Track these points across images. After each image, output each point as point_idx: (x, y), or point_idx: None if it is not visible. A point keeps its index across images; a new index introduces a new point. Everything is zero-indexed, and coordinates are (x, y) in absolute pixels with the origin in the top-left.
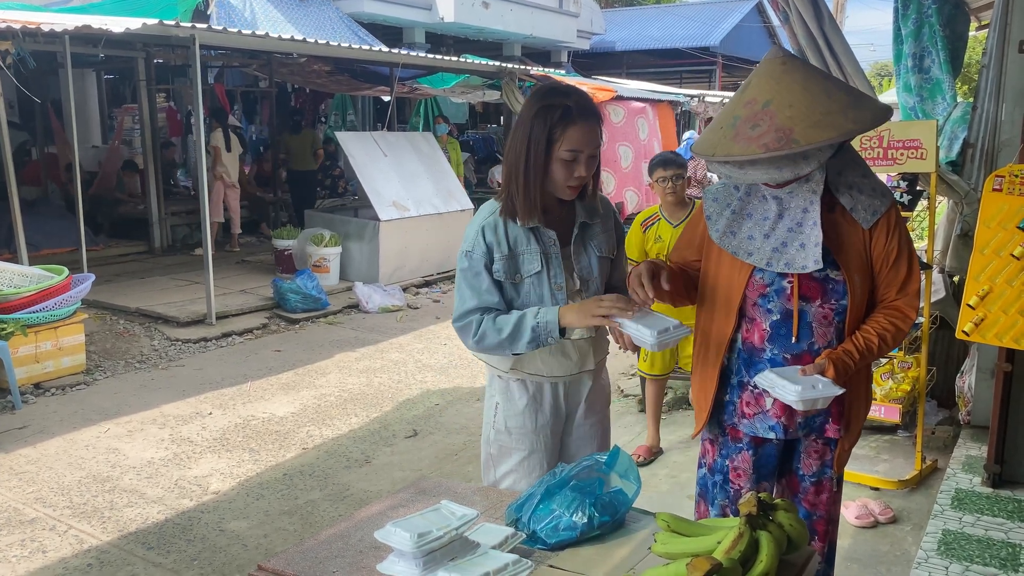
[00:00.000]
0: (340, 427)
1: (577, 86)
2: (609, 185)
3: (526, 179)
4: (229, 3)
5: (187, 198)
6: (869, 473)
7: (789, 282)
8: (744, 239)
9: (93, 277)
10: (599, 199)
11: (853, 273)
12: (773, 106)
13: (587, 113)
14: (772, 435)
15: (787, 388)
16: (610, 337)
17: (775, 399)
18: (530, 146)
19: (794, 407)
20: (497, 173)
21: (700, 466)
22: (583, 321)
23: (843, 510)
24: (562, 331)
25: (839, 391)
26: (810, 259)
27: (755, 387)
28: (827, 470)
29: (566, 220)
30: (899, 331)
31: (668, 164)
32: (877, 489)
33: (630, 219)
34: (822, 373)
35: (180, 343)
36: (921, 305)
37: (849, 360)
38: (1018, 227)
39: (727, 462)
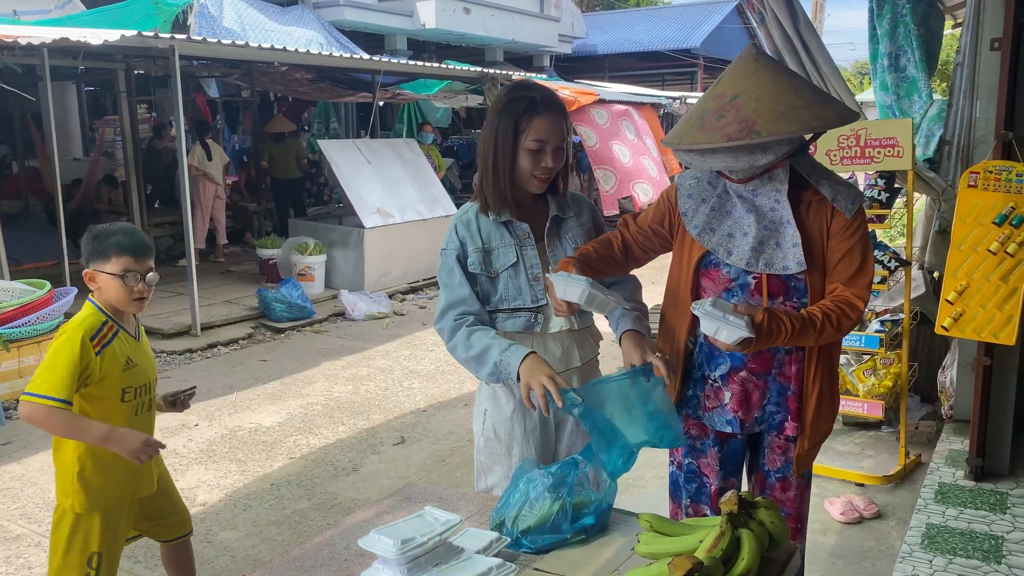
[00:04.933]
0: (327, 436)
1: (542, 84)
2: (610, 182)
3: (495, 170)
4: (209, 13)
5: (170, 209)
6: (854, 469)
7: (755, 278)
8: (724, 237)
9: (76, 290)
10: (571, 196)
11: (815, 273)
12: (741, 99)
13: (551, 105)
14: (728, 429)
15: (706, 309)
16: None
17: (732, 394)
18: (498, 137)
19: (702, 327)
20: None
21: (671, 464)
22: (526, 378)
23: (828, 506)
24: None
25: (745, 333)
26: (791, 260)
27: (715, 381)
28: (791, 467)
29: (539, 215)
30: (844, 315)
31: None
32: (862, 485)
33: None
34: (752, 316)
35: (165, 355)
36: (901, 302)
37: (784, 319)
38: (994, 222)
39: (695, 460)
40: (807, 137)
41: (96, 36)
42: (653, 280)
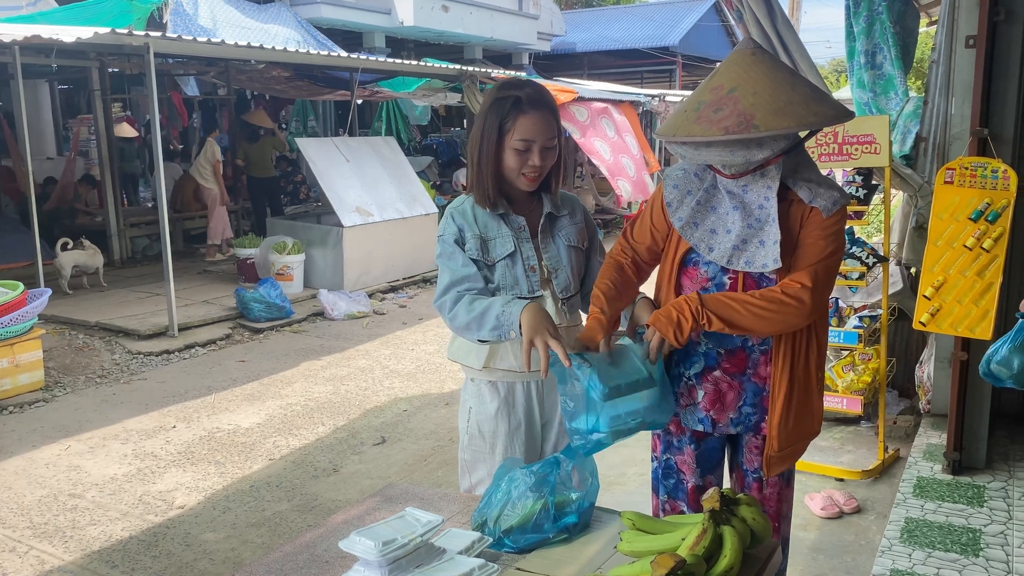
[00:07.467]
0: (307, 436)
1: (533, 81)
2: (603, 172)
3: (480, 167)
4: (185, 11)
5: (146, 209)
6: (833, 464)
7: (731, 277)
8: (707, 232)
9: (49, 291)
10: (562, 196)
11: (786, 272)
12: (738, 92)
13: (539, 104)
14: (701, 428)
15: None
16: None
17: (705, 393)
18: (484, 136)
19: None
20: (462, 176)
21: (652, 459)
22: (529, 333)
23: (808, 502)
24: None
25: None
26: (770, 258)
27: (689, 379)
28: None
29: (533, 212)
30: (772, 296)
31: None
32: (842, 480)
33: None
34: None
35: (142, 356)
36: (879, 298)
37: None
38: (970, 218)
39: (672, 456)
40: (802, 135)
41: (69, 33)
42: None
